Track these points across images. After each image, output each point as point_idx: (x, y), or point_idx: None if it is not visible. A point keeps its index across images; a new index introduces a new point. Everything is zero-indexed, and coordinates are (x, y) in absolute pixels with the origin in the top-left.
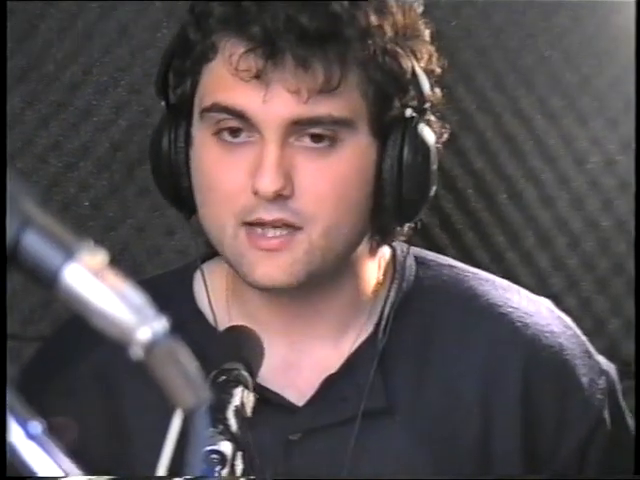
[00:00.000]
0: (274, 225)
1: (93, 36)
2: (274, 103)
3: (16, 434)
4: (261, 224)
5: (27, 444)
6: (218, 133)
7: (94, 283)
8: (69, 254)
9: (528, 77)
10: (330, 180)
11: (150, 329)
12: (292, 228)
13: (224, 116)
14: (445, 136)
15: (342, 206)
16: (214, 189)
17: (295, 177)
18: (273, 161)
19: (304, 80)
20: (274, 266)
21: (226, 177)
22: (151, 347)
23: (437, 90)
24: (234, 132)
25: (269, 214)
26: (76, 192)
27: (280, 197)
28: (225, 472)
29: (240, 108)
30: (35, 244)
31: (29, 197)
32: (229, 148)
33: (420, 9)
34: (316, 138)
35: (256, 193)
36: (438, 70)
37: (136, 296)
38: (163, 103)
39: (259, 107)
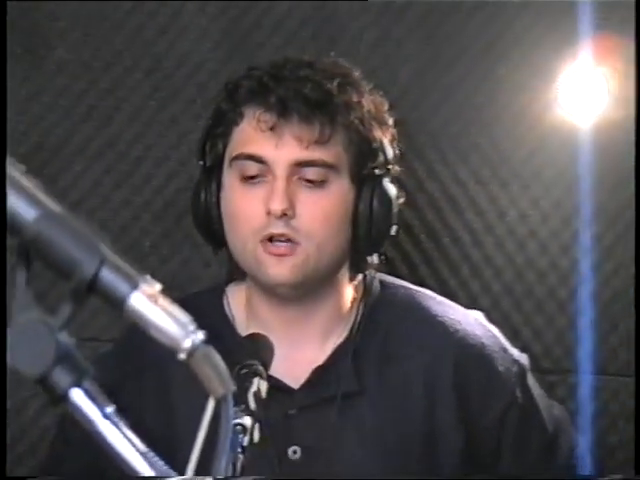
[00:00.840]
0: (280, 239)
1: (152, 124)
2: (284, 149)
3: (94, 413)
4: (271, 239)
5: (103, 422)
6: (242, 178)
7: (152, 307)
8: (133, 285)
9: (465, 156)
10: (321, 208)
11: (191, 340)
12: (293, 243)
13: (247, 163)
14: (402, 200)
15: (329, 229)
16: (238, 215)
17: (296, 204)
18: (281, 189)
19: (306, 132)
20: (282, 267)
21: (246, 205)
22: (192, 352)
23: (397, 168)
24: (253, 177)
25: (277, 229)
26: (139, 236)
27: (285, 216)
28: (246, 439)
29: (259, 154)
30: (109, 277)
31: (105, 242)
32: (249, 187)
33: (386, 106)
34: (311, 181)
35: (268, 213)
36: (397, 151)
37: (182, 315)
38: (201, 162)
39: (273, 152)
